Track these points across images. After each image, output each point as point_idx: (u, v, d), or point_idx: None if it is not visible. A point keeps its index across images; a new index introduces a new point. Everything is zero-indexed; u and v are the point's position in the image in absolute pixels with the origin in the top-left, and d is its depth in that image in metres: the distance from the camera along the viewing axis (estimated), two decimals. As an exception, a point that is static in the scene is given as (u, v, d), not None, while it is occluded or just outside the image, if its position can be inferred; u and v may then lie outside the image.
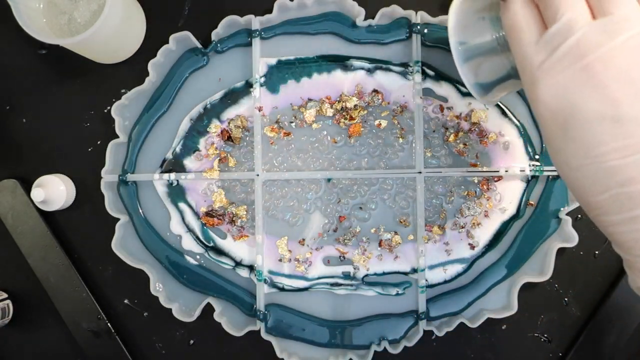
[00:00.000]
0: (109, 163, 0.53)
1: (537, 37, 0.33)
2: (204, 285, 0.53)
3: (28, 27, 0.47)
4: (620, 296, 0.51)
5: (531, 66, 0.33)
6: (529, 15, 0.33)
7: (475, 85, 0.43)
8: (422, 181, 0.52)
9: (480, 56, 0.42)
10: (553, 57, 0.32)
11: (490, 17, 0.40)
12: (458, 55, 0.42)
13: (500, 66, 0.42)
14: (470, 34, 0.42)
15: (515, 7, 0.34)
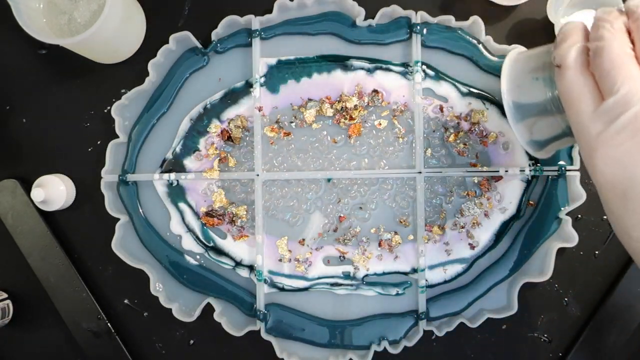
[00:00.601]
0: (109, 163, 0.53)
1: (594, 106, 0.32)
2: (204, 285, 0.53)
3: (28, 27, 0.47)
4: (620, 296, 0.51)
5: (588, 135, 0.33)
6: (585, 84, 0.33)
7: (530, 142, 0.43)
8: (422, 181, 0.52)
9: (535, 116, 0.41)
10: (611, 129, 0.31)
11: (544, 77, 0.40)
12: (512, 115, 0.42)
13: (555, 125, 0.41)
14: (524, 94, 0.41)
15: (571, 76, 0.34)
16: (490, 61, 0.52)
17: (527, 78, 0.41)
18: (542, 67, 0.40)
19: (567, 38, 0.35)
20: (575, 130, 0.34)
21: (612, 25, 0.33)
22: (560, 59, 0.35)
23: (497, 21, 0.53)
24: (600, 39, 0.33)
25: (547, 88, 0.40)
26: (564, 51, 0.34)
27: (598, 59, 0.32)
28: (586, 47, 0.34)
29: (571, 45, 0.34)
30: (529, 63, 0.42)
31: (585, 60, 0.34)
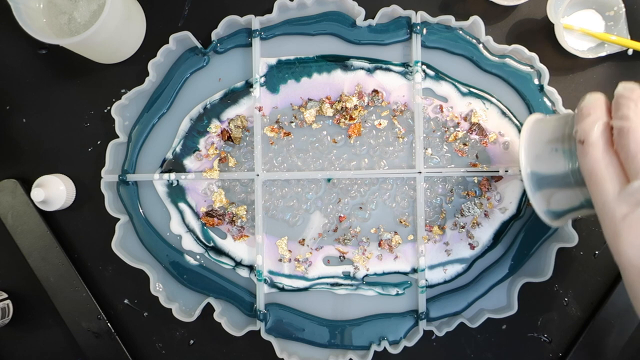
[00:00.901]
0: (109, 163, 0.53)
1: (619, 187, 0.32)
2: (204, 285, 0.53)
3: (28, 27, 0.47)
4: (620, 296, 0.51)
5: (613, 217, 0.32)
6: (610, 163, 0.33)
7: (548, 212, 0.42)
8: (422, 181, 0.52)
9: (554, 187, 0.40)
10: (637, 213, 0.31)
11: (564, 149, 0.39)
12: (531, 185, 0.41)
13: (573, 198, 0.40)
14: (543, 164, 0.40)
15: (595, 154, 0.33)
16: (490, 61, 0.52)
17: (546, 148, 0.40)
18: (561, 138, 0.39)
19: (590, 113, 0.34)
20: (599, 209, 0.34)
21: (636, 104, 0.33)
22: (583, 135, 0.34)
23: (497, 21, 0.53)
24: (625, 118, 0.32)
25: (567, 160, 0.39)
26: (587, 127, 0.34)
27: (624, 140, 0.32)
28: (609, 124, 0.34)
29: (594, 121, 0.34)
30: (547, 133, 0.41)
31: (609, 138, 0.33)
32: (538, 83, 0.52)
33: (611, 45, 0.51)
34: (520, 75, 0.52)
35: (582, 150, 0.34)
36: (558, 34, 0.51)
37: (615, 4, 0.50)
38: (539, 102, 0.51)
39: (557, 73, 0.52)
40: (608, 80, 0.53)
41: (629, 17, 0.50)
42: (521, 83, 0.52)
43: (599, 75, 0.53)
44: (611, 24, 0.51)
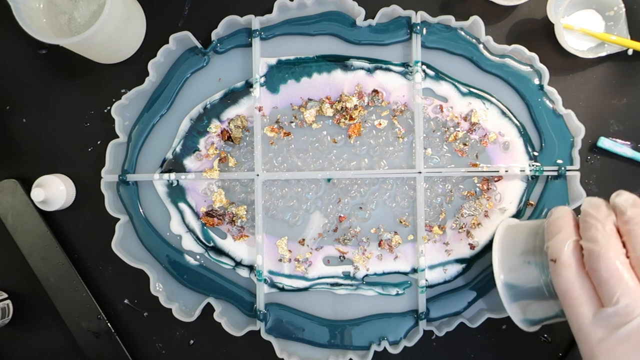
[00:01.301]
0: (109, 163, 0.53)
1: (594, 309, 0.32)
2: (204, 285, 0.53)
3: (28, 27, 0.47)
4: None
5: (589, 340, 0.32)
6: (583, 285, 0.33)
7: (524, 320, 0.43)
8: (422, 181, 0.52)
9: (529, 299, 0.41)
10: (613, 339, 0.31)
11: (536, 263, 0.39)
12: (506, 296, 0.41)
13: (549, 308, 0.41)
14: (517, 277, 0.40)
15: (568, 276, 0.33)
16: (490, 61, 0.52)
17: (519, 261, 0.40)
18: (532, 251, 0.39)
19: (559, 230, 0.35)
20: (575, 331, 0.34)
21: (603, 227, 0.33)
22: (554, 254, 0.34)
23: (497, 21, 0.53)
24: (594, 241, 0.32)
25: (540, 274, 0.39)
26: (558, 245, 0.34)
27: (595, 265, 0.32)
28: (579, 242, 0.34)
29: (564, 239, 0.34)
30: (519, 244, 0.41)
31: (580, 258, 0.33)
32: (538, 83, 0.52)
33: (611, 45, 0.51)
34: (520, 75, 0.52)
35: (554, 269, 0.34)
36: (558, 34, 0.51)
37: (615, 4, 0.50)
38: (538, 102, 0.52)
39: (557, 73, 0.52)
40: (608, 80, 0.53)
41: (629, 17, 0.50)
42: (521, 83, 0.52)
43: (599, 75, 0.53)
44: (611, 24, 0.51)
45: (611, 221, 0.33)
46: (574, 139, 0.51)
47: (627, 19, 0.50)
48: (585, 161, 0.53)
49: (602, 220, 0.33)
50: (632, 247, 0.32)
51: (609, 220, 0.33)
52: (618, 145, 0.52)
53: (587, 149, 0.53)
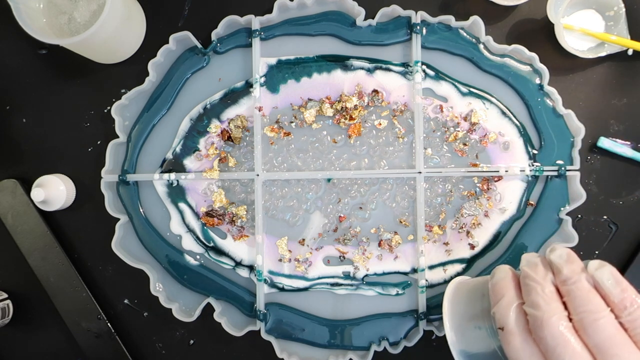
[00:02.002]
0: (109, 163, 0.53)
1: None
2: (204, 286, 0.53)
3: (28, 27, 0.47)
4: (620, 296, 0.51)
5: None
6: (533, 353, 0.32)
7: None
8: (422, 181, 0.52)
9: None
10: None
11: (486, 328, 0.38)
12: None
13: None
14: (471, 344, 0.40)
15: (517, 344, 0.33)
16: (491, 61, 0.52)
17: (470, 327, 0.40)
18: (481, 315, 0.39)
19: (503, 293, 0.34)
20: None
21: (543, 289, 0.32)
22: (501, 321, 0.34)
23: (497, 21, 0.53)
24: (535, 306, 0.32)
25: (491, 339, 0.38)
26: (503, 311, 0.34)
27: (539, 332, 0.31)
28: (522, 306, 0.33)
29: (508, 305, 0.33)
30: (468, 308, 0.40)
31: (526, 324, 0.33)
32: (538, 83, 0.52)
33: (611, 45, 0.51)
34: (520, 75, 0.52)
35: (503, 337, 0.34)
36: (558, 34, 0.51)
37: (615, 4, 0.50)
38: (538, 102, 0.52)
39: (557, 73, 0.52)
40: (608, 80, 0.53)
41: (629, 17, 0.50)
42: (521, 83, 0.52)
43: (599, 75, 0.53)
44: (611, 24, 0.51)
45: (550, 281, 0.33)
46: (574, 139, 0.51)
47: (627, 19, 0.50)
48: (585, 161, 0.53)
49: (541, 281, 0.33)
50: (573, 309, 0.31)
51: (547, 280, 0.33)
52: (618, 145, 0.52)
53: (587, 149, 0.53)
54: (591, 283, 0.31)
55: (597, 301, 0.31)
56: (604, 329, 0.30)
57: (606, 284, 0.31)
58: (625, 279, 0.31)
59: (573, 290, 0.31)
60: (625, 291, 0.31)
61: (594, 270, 0.31)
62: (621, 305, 0.30)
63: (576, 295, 0.31)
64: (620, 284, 0.31)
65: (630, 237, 0.52)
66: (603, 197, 0.53)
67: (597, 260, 0.32)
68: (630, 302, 0.30)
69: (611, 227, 0.53)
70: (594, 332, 0.30)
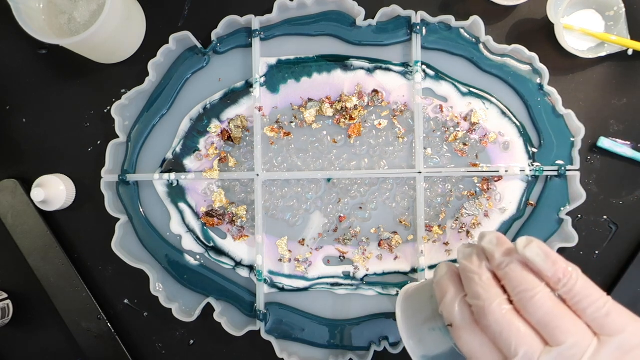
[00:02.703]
0: (109, 163, 0.53)
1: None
2: (204, 286, 0.53)
3: (28, 27, 0.47)
4: (620, 296, 0.51)
5: None
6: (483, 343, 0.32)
7: None
8: (422, 181, 0.52)
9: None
10: None
11: (440, 327, 0.38)
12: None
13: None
14: (429, 346, 0.39)
15: (466, 337, 0.33)
16: (490, 61, 0.52)
17: (424, 330, 0.39)
18: (432, 316, 0.39)
19: (446, 290, 0.34)
20: None
21: (480, 277, 0.32)
22: (448, 318, 0.34)
23: (497, 21, 0.53)
24: (476, 296, 0.32)
25: (446, 338, 0.38)
26: (448, 308, 0.34)
27: (484, 321, 0.31)
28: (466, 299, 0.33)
29: (452, 301, 0.34)
30: (419, 312, 0.40)
31: (472, 316, 0.33)
32: (538, 83, 0.52)
33: (611, 45, 0.51)
34: (520, 76, 0.52)
35: (453, 333, 0.34)
36: (558, 34, 0.51)
37: (615, 4, 0.50)
38: (538, 101, 0.52)
39: (557, 73, 0.52)
40: (608, 80, 0.53)
41: (629, 17, 0.50)
42: (521, 83, 0.52)
43: (599, 75, 0.53)
44: (611, 24, 0.51)
45: (486, 268, 0.33)
46: (574, 139, 0.51)
47: (627, 19, 0.50)
48: (585, 161, 0.53)
49: (478, 270, 0.33)
50: (511, 291, 0.31)
51: (483, 269, 0.33)
52: (618, 145, 0.52)
53: (587, 149, 0.53)
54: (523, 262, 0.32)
55: (530, 279, 0.31)
56: (542, 305, 0.30)
57: (537, 260, 0.31)
58: (553, 252, 0.31)
59: (507, 272, 0.31)
60: (556, 263, 0.31)
61: (522, 248, 0.31)
62: (555, 279, 0.31)
63: (511, 277, 0.31)
64: (549, 257, 0.31)
65: (630, 237, 0.52)
66: (603, 197, 0.53)
67: (524, 238, 0.32)
68: (563, 273, 0.31)
69: (611, 227, 0.53)
70: (533, 309, 0.30)
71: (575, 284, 0.30)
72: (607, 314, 0.30)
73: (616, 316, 0.30)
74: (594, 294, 0.30)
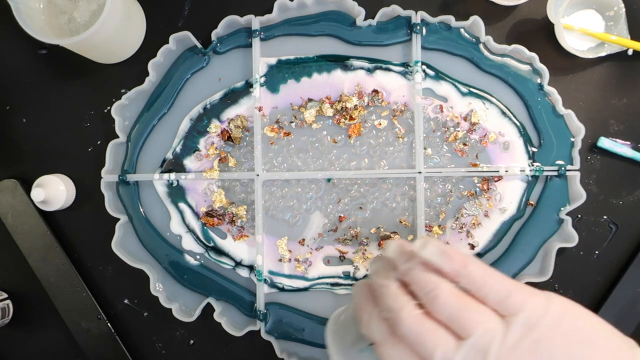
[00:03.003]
0: (109, 163, 0.53)
1: None
2: (204, 286, 0.53)
3: (28, 27, 0.47)
4: (620, 296, 0.51)
5: None
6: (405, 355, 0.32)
7: None
8: (422, 181, 0.52)
9: None
10: None
11: (367, 348, 0.38)
12: None
13: None
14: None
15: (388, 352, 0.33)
16: (490, 61, 0.52)
17: (354, 353, 0.39)
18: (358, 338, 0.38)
19: (362, 309, 0.34)
20: None
21: (388, 289, 0.32)
22: (369, 337, 0.34)
23: (497, 21, 0.53)
24: (388, 310, 0.32)
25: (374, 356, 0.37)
26: (367, 327, 0.34)
27: (399, 331, 0.31)
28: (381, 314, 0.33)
29: (368, 319, 0.34)
30: (347, 336, 0.40)
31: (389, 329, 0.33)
32: (538, 83, 0.52)
33: (611, 45, 0.51)
34: (520, 76, 0.52)
35: (377, 351, 0.34)
36: (558, 34, 0.51)
37: (615, 4, 0.50)
38: (538, 101, 0.52)
39: (557, 73, 0.52)
40: (608, 80, 0.53)
41: (629, 17, 0.50)
42: (521, 83, 0.52)
43: (599, 75, 0.53)
44: (611, 24, 0.51)
45: (393, 279, 0.33)
46: (574, 139, 0.51)
47: (627, 19, 0.50)
48: (585, 161, 0.53)
49: (386, 283, 0.33)
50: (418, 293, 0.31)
51: (391, 279, 0.33)
52: (618, 145, 0.52)
53: (587, 149, 0.53)
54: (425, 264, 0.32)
55: (433, 279, 0.31)
56: (447, 301, 0.30)
57: (434, 258, 0.31)
58: (450, 247, 0.32)
59: (412, 277, 0.32)
60: (452, 258, 0.31)
61: (420, 250, 0.31)
62: (454, 273, 0.31)
63: (416, 281, 0.31)
64: (446, 253, 0.31)
65: (630, 237, 0.52)
66: (603, 197, 0.53)
67: (421, 240, 0.32)
68: (461, 265, 0.31)
69: (611, 227, 0.53)
70: (440, 307, 0.30)
71: (472, 273, 0.31)
72: (507, 295, 0.30)
73: (515, 295, 0.30)
74: (492, 279, 0.31)
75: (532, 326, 0.30)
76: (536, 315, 0.30)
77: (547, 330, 0.30)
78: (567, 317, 0.31)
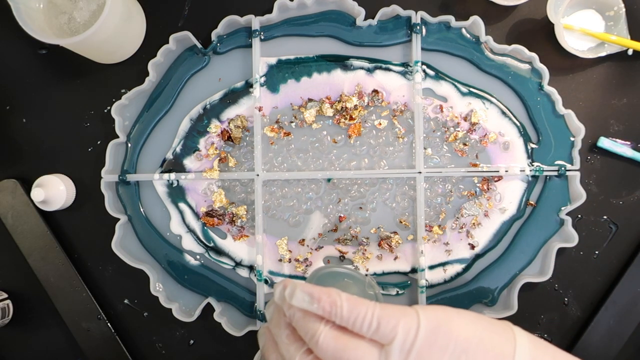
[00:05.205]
0: (109, 163, 0.53)
1: None
2: (204, 286, 0.53)
3: (28, 27, 0.47)
4: (620, 296, 0.51)
5: None
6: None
7: None
8: (422, 181, 0.52)
9: None
10: None
11: None
12: None
13: None
14: None
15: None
16: (490, 61, 0.52)
17: None
18: None
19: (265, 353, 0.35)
20: None
21: (281, 337, 0.33)
22: None
23: (497, 21, 0.53)
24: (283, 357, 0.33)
25: None
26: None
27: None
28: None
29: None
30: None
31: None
32: (538, 83, 0.52)
33: (611, 45, 0.51)
34: (520, 76, 0.52)
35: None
36: (558, 34, 0.51)
37: (615, 4, 0.50)
38: (538, 101, 0.52)
39: (557, 73, 0.52)
40: (608, 80, 0.53)
41: (629, 17, 0.50)
42: (521, 83, 0.52)
43: (599, 75, 0.53)
44: (611, 24, 0.51)
45: (284, 325, 0.34)
46: (574, 139, 0.51)
47: (627, 19, 0.50)
48: (585, 161, 0.53)
49: (278, 331, 0.34)
50: (305, 340, 0.32)
51: (282, 327, 0.34)
52: (618, 145, 0.52)
53: (587, 149, 0.53)
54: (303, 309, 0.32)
55: (309, 325, 0.32)
56: (327, 345, 0.31)
57: (303, 305, 0.32)
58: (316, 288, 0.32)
59: (295, 323, 0.32)
60: (320, 300, 0.31)
61: (290, 299, 0.32)
62: (327, 314, 0.31)
63: (298, 328, 0.32)
64: (313, 297, 0.31)
65: (630, 237, 0.52)
66: (603, 197, 0.53)
67: (287, 288, 0.32)
68: (329, 304, 0.31)
69: (611, 227, 0.53)
70: (322, 351, 0.31)
71: (342, 310, 0.31)
72: (377, 324, 0.30)
73: (386, 322, 0.30)
74: (361, 311, 0.31)
75: (409, 349, 0.30)
76: (410, 337, 0.30)
77: (425, 349, 0.30)
78: (441, 328, 0.31)
